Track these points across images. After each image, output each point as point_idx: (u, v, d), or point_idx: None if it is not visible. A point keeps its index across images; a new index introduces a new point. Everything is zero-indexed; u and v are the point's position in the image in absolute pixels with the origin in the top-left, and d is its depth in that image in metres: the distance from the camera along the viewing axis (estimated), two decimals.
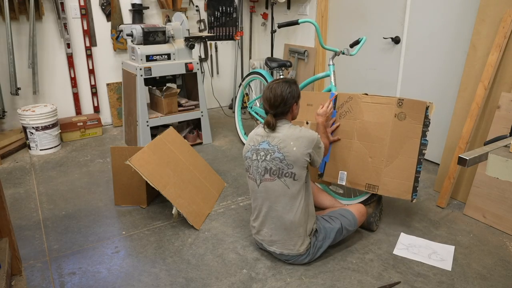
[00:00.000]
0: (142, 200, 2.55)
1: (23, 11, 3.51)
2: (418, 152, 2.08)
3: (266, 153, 1.91)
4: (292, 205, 1.89)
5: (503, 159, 1.16)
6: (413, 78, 3.16)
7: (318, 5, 3.84)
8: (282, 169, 1.88)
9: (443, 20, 2.85)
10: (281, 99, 1.89)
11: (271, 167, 1.90)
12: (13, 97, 3.63)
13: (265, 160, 1.91)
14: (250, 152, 1.98)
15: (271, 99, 1.91)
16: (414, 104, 2.08)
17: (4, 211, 1.80)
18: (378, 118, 2.18)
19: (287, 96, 1.90)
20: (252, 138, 2.01)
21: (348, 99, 2.28)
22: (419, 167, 2.09)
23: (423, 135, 2.06)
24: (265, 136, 1.95)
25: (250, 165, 1.98)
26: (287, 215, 1.89)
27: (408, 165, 2.10)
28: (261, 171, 1.92)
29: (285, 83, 1.93)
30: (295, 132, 1.91)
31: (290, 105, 1.93)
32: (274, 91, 1.90)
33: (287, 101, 1.91)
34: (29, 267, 1.99)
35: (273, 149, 1.90)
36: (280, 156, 1.87)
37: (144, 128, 3.35)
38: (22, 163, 3.28)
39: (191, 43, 3.49)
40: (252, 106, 3.53)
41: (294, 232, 1.90)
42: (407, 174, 2.11)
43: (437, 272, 1.95)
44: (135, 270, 1.97)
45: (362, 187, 2.24)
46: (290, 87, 1.92)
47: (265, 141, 1.93)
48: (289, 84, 1.93)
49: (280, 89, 1.90)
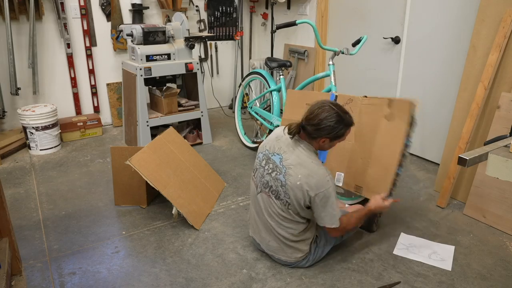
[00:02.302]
0: (142, 200, 2.55)
1: (23, 11, 3.51)
2: (400, 153, 2.03)
3: (274, 169, 1.81)
4: (286, 225, 1.84)
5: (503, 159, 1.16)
6: (413, 78, 3.16)
7: (318, 5, 3.84)
8: (279, 193, 1.79)
9: (443, 20, 2.85)
10: (317, 122, 1.70)
11: (272, 185, 1.82)
12: (13, 97, 3.63)
13: (270, 175, 1.83)
14: (263, 155, 1.89)
15: (311, 113, 1.72)
16: (400, 104, 2.04)
17: (4, 211, 1.80)
18: (371, 120, 2.18)
19: (325, 125, 1.69)
20: (272, 140, 1.86)
21: (348, 101, 2.27)
22: (399, 170, 2.03)
23: (408, 135, 2.02)
24: (283, 149, 1.80)
25: (257, 168, 1.92)
26: (282, 231, 1.86)
27: (389, 166, 2.06)
28: (264, 183, 1.86)
29: (336, 116, 1.70)
30: (310, 166, 1.73)
31: (319, 135, 1.73)
32: (320, 111, 1.70)
33: (320, 129, 1.70)
34: (29, 267, 1.99)
35: (281, 169, 1.77)
36: (282, 180, 1.77)
37: (144, 128, 3.35)
38: (22, 163, 3.28)
39: (191, 43, 3.49)
40: (252, 106, 3.52)
41: (291, 244, 1.88)
42: (387, 176, 2.06)
43: (437, 272, 1.95)
44: (135, 270, 1.97)
45: (352, 188, 2.24)
46: (337, 123, 1.70)
47: (279, 154, 1.80)
48: (338, 120, 1.70)
49: (326, 115, 1.69)
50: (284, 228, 1.84)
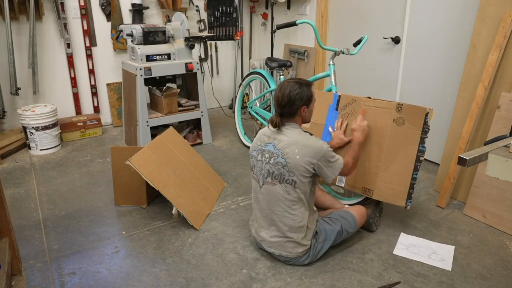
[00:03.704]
0: (142, 200, 2.55)
1: (23, 11, 3.51)
2: (415, 158, 2.05)
3: (271, 156, 1.87)
4: (292, 211, 1.87)
5: (503, 159, 1.16)
6: (413, 78, 3.16)
7: (318, 5, 3.84)
8: (283, 175, 1.84)
9: (443, 20, 2.85)
10: (288, 99, 1.82)
11: (273, 171, 1.86)
12: (13, 97, 3.63)
13: (268, 163, 1.88)
14: (256, 151, 1.95)
15: (278, 98, 1.85)
16: (414, 110, 2.04)
17: (4, 211, 1.80)
18: (378, 122, 2.17)
19: (294, 97, 1.82)
20: (260, 137, 1.97)
21: (351, 101, 2.27)
22: (415, 174, 2.06)
23: (421, 141, 2.03)
24: (271, 137, 1.90)
25: (254, 164, 1.96)
26: (286, 220, 1.88)
27: (404, 171, 2.08)
28: (264, 174, 1.90)
29: (296, 84, 1.84)
30: (302, 139, 1.84)
31: (297, 107, 1.85)
32: (283, 90, 1.83)
33: (294, 102, 1.83)
34: (29, 267, 1.99)
35: (278, 153, 1.85)
36: (282, 161, 1.83)
37: (144, 128, 3.35)
38: (22, 163, 3.28)
39: (191, 43, 3.49)
40: (252, 106, 3.52)
41: (293, 236, 1.89)
42: (403, 180, 2.09)
43: (437, 272, 1.95)
44: (135, 270, 1.97)
45: (358, 190, 2.25)
46: (300, 88, 1.84)
47: (271, 142, 1.89)
48: (299, 85, 1.84)
49: (289, 89, 1.83)
50: (290, 215, 1.87)
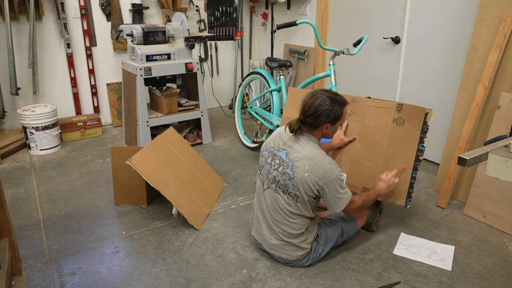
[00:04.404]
0: (142, 200, 2.55)
1: (23, 11, 3.51)
2: (414, 158, 2.06)
3: (281, 163, 1.82)
4: (292, 220, 1.85)
5: (503, 159, 1.16)
6: (413, 78, 3.16)
7: (318, 5, 3.84)
8: (288, 187, 1.81)
9: (443, 20, 2.85)
10: (314, 111, 1.73)
11: (279, 179, 1.84)
12: (13, 97, 3.63)
13: (277, 170, 1.84)
14: (268, 152, 1.91)
15: (305, 105, 1.76)
16: (413, 110, 2.05)
17: (4, 211, 1.80)
18: (378, 122, 2.17)
19: (321, 111, 1.73)
20: (275, 138, 1.90)
21: (351, 101, 2.27)
22: (415, 173, 2.07)
23: (421, 141, 2.04)
24: (287, 144, 1.83)
25: (263, 165, 1.93)
26: (286, 227, 1.87)
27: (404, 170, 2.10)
28: (270, 179, 1.88)
29: (329, 99, 1.74)
30: (316, 157, 1.76)
31: (320, 123, 1.77)
32: (313, 100, 1.74)
33: (319, 116, 1.74)
34: (29, 267, 1.99)
35: (288, 163, 1.79)
36: (290, 173, 1.79)
37: (144, 128, 3.35)
38: (22, 163, 3.28)
39: (191, 43, 3.49)
40: (252, 106, 3.52)
41: (293, 241, 1.88)
42: (402, 179, 2.10)
43: (437, 272, 1.95)
44: (135, 270, 1.97)
45: (358, 190, 2.25)
46: (332, 105, 1.74)
47: (285, 149, 1.82)
48: (332, 101, 1.74)
49: (319, 101, 1.73)
50: (290, 223, 1.85)
